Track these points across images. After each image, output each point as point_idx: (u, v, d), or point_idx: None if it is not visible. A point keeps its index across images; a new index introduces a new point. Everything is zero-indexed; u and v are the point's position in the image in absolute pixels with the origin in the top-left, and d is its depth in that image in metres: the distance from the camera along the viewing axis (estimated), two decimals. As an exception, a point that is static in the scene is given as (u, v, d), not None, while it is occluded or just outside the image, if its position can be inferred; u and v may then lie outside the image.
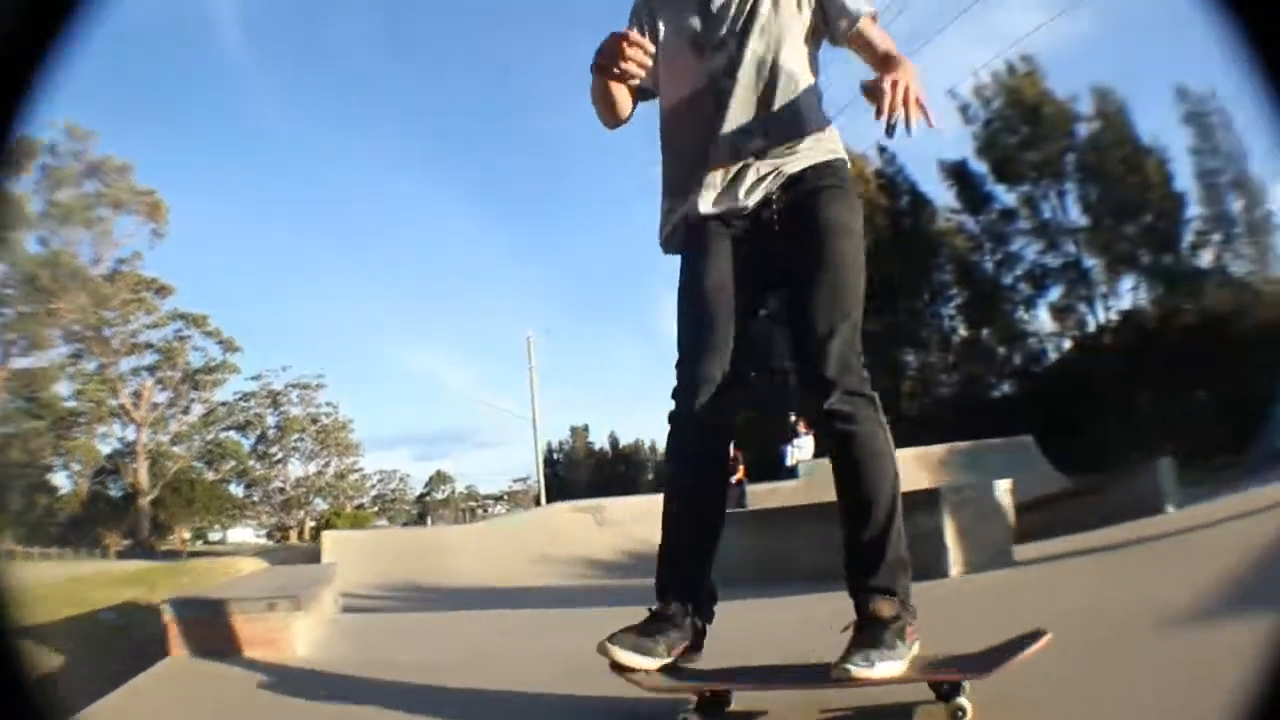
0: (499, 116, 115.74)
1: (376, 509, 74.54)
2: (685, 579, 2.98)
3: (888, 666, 2.59)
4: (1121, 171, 47.87)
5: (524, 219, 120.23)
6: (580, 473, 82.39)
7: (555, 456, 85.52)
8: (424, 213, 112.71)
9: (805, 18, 3.13)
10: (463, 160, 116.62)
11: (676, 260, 3.26)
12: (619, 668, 2.75)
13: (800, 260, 2.98)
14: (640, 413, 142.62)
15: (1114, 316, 50.48)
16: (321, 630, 5.96)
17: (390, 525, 66.45)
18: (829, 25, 3.13)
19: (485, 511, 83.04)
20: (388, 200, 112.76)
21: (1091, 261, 50.57)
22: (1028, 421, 40.50)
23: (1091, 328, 50.57)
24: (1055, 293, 51.66)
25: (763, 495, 19.75)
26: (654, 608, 2.91)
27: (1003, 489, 8.10)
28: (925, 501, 7.56)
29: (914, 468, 21.83)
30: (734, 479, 19.57)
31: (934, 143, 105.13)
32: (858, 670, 2.54)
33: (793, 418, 23.73)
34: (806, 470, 21.79)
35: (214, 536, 65.43)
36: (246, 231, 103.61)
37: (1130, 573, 6.24)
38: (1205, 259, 48.79)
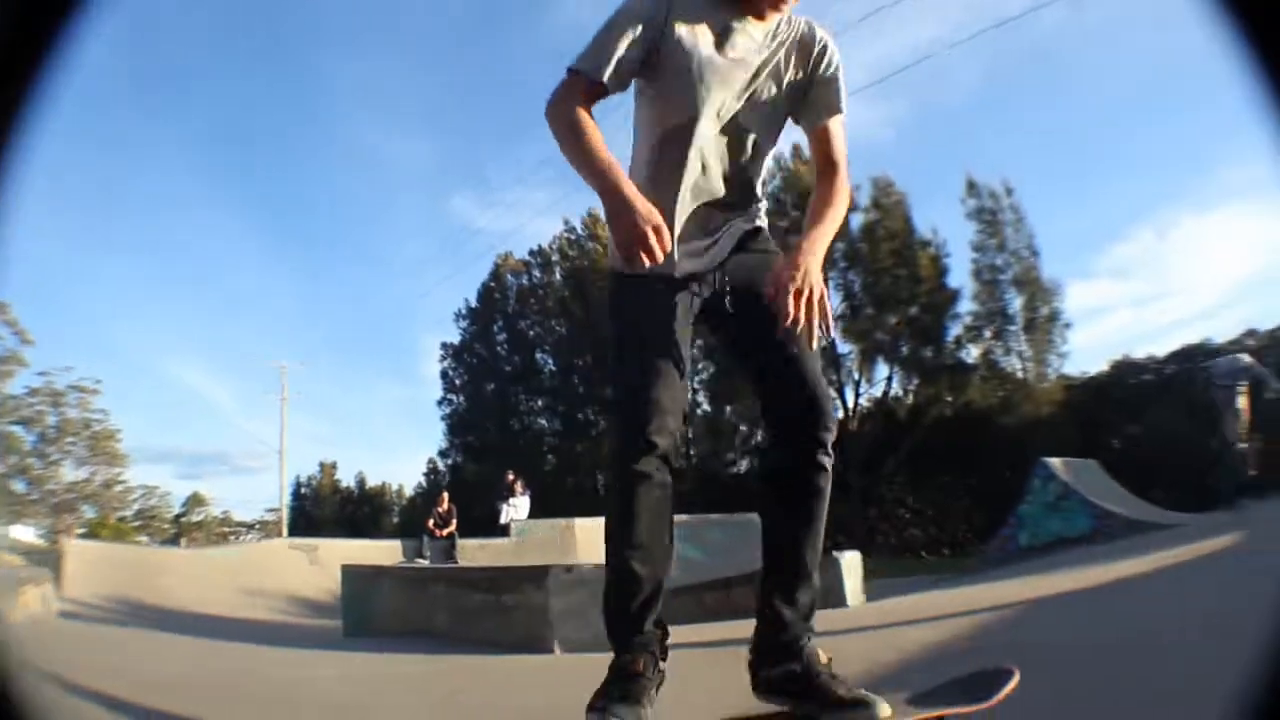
0: (296, 131, 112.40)
1: (138, 524, 72.99)
2: (649, 629, 2.93)
3: (885, 706, 2.72)
4: (891, 263, 49.09)
5: (301, 246, 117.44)
6: (326, 509, 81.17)
7: (303, 490, 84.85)
8: (204, 220, 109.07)
9: (797, 96, 3.21)
10: (256, 179, 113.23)
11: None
12: None
13: (766, 324, 2.85)
14: (388, 455, 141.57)
15: (864, 404, 51.28)
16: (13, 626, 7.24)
17: (149, 542, 65.37)
18: (809, 109, 3.22)
19: (238, 539, 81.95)
20: (171, 201, 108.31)
21: (846, 348, 51.00)
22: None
23: (839, 414, 48.50)
24: None
25: (472, 550, 20.39)
26: (624, 663, 2.88)
27: None
28: (533, 578, 8.07)
29: None
30: (444, 532, 20.47)
31: None
32: (882, 711, 2.69)
33: (510, 476, 23.83)
34: (519, 530, 21.89)
35: (-1, 530, 63.21)
36: (40, 222, 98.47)
37: (722, 670, 5.60)
38: (972, 354, 50.01)
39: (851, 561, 12.16)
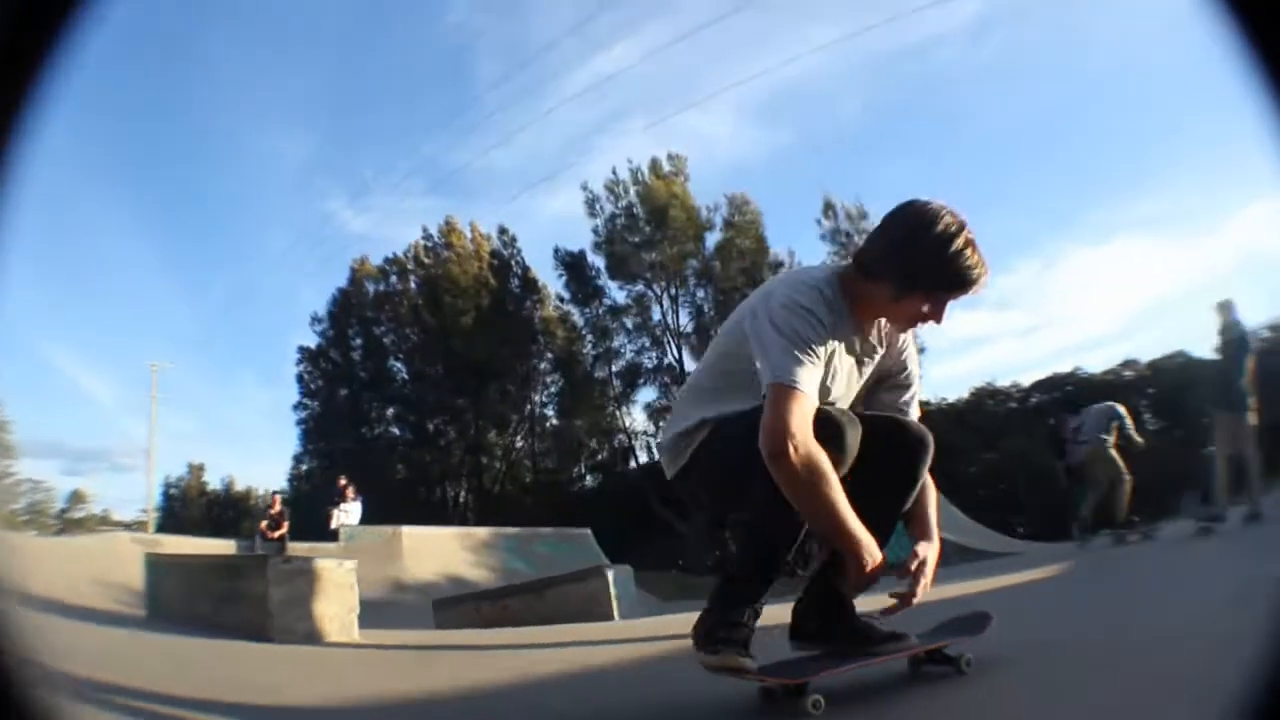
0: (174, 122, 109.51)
1: (26, 518, 71.60)
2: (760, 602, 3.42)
3: (914, 637, 3.70)
4: (741, 282, 48.24)
5: (176, 239, 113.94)
6: (194, 511, 79.66)
7: (172, 492, 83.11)
8: (76, 207, 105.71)
9: (876, 378, 3.80)
10: (133, 170, 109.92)
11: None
12: (734, 671, 3.30)
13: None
14: (258, 458, 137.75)
15: None
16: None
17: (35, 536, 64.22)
18: (887, 406, 3.80)
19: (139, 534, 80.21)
20: (58, 191, 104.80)
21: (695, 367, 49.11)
22: (609, 515, 42.06)
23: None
24: (651, 393, 52.26)
25: (302, 553, 17.49)
26: (733, 616, 3.35)
27: (346, 567, 8.45)
28: (255, 567, 8.43)
29: (454, 546, 23.28)
30: (275, 534, 20.52)
31: (554, 229, 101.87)
32: (912, 641, 3.65)
33: (341, 482, 23.99)
34: (347, 535, 21.79)
35: (-112, 521, 60.90)
36: None
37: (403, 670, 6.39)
38: None
39: (619, 576, 12.82)
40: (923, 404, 13.12)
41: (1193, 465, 15.60)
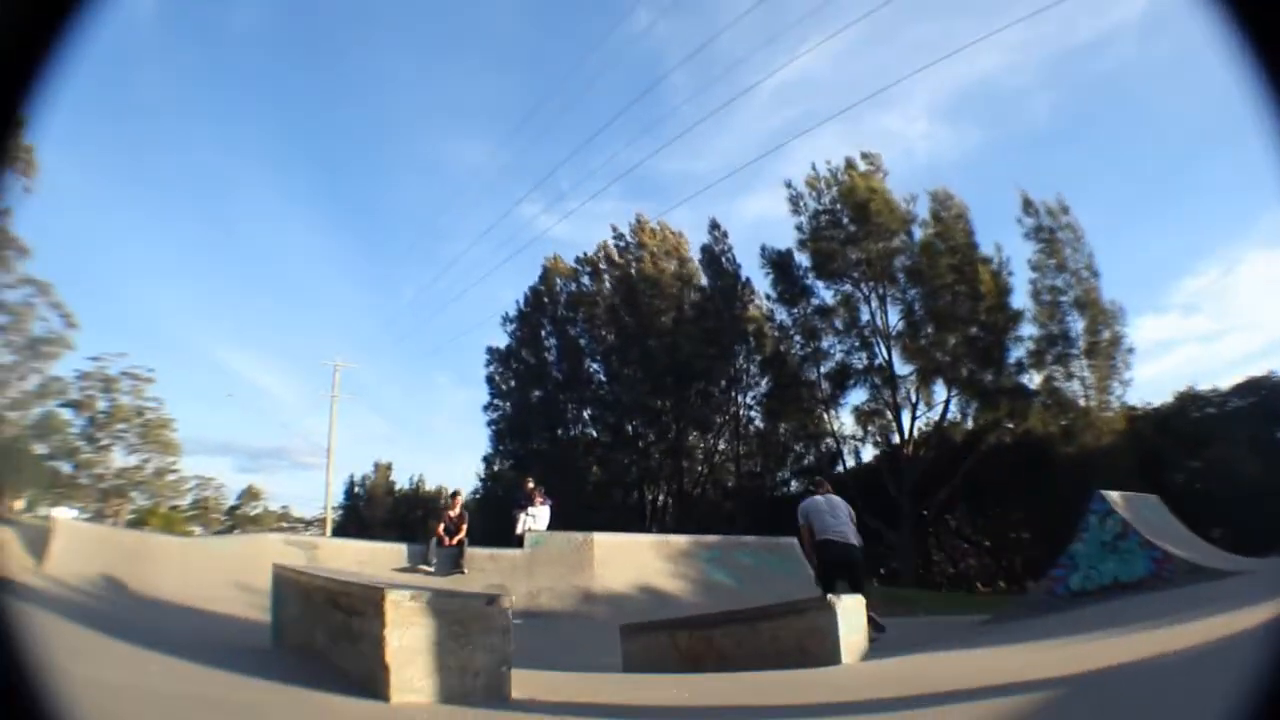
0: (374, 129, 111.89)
1: (193, 513, 73.40)
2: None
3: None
4: (951, 279, 46.40)
5: (367, 243, 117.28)
6: (378, 510, 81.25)
7: (356, 490, 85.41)
8: (269, 211, 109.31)
9: None
10: (318, 171, 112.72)
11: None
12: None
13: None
14: (447, 458, 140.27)
15: (922, 427, 48.38)
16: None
17: (203, 533, 65.38)
18: None
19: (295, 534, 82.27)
20: (237, 191, 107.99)
21: (906, 369, 48.00)
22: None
23: (895, 437, 48.08)
24: (860, 395, 49.42)
25: (481, 560, 19.32)
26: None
27: (498, 606, 6.33)
28: (371, 600, 6.45)
29: (649, 555, 21.32)
30: (453, 540, 19.29)
31: (762, 230, 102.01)
32: None
33: (529, 484, 22.33)
34: (533, 541, 20.47)
35: (43, 511, 63.17)
36: (96, 207, 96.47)
37: None
38: (1035, 379, 46.92)
39: (849, 609, 10.17)
40: (1131, 407, 46.58)
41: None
